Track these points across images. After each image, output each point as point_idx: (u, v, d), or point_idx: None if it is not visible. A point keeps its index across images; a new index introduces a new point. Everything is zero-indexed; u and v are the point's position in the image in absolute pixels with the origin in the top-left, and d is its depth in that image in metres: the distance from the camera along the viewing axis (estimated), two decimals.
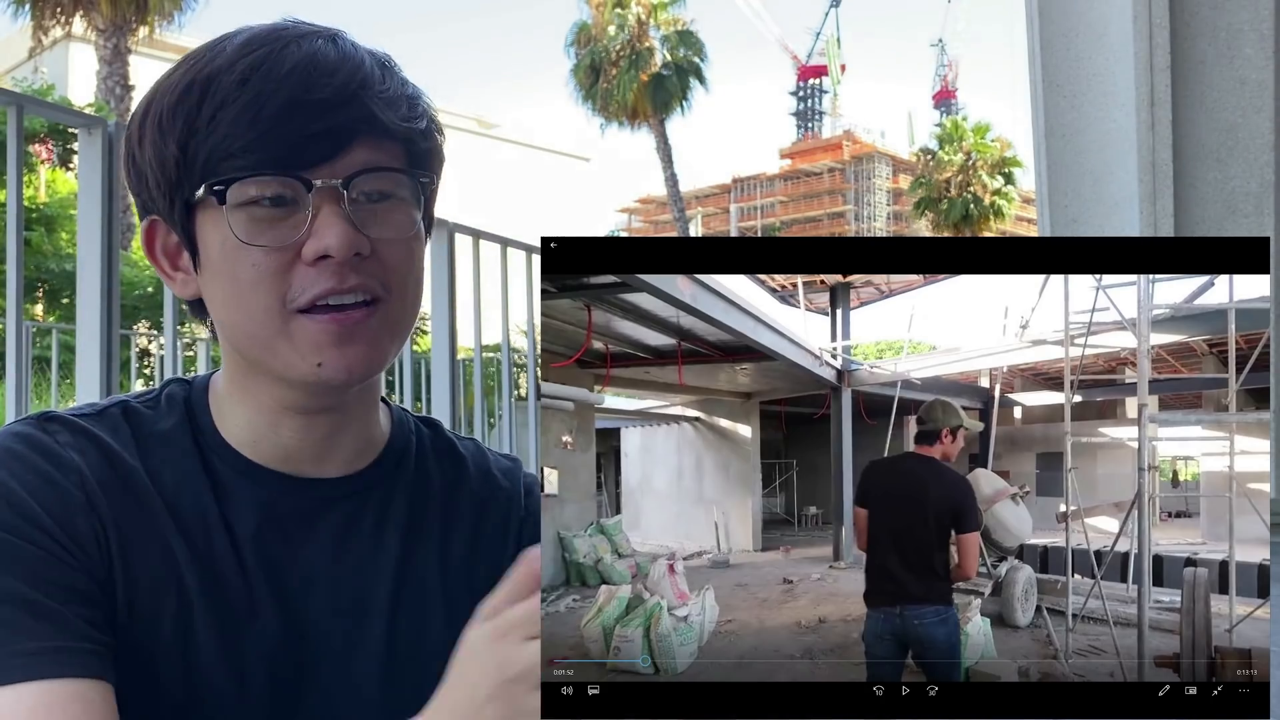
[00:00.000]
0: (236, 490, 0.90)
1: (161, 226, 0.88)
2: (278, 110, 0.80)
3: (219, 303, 0.86)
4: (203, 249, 0.85)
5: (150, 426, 0.91)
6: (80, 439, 0.86)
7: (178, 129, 0.82)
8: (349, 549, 0.92)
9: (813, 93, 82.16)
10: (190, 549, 0.86)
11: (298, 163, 0.81)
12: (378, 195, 0.84)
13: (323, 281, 0.82)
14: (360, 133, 0.83)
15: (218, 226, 0.82)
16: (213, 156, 0.81)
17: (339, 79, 0.82)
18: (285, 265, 0.82)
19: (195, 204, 0.83)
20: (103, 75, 18.73)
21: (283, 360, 0.85)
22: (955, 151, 38.33)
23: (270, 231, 0.81)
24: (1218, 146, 2.45)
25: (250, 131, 0.80)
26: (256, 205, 0.81)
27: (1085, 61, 2.49)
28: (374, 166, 0.83)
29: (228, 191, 0.81)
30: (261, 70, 0.81)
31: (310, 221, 0.81)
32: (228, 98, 0.80)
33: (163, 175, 0.84)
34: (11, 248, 2.27)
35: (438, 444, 1.03)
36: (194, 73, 0.83)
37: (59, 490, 0.82)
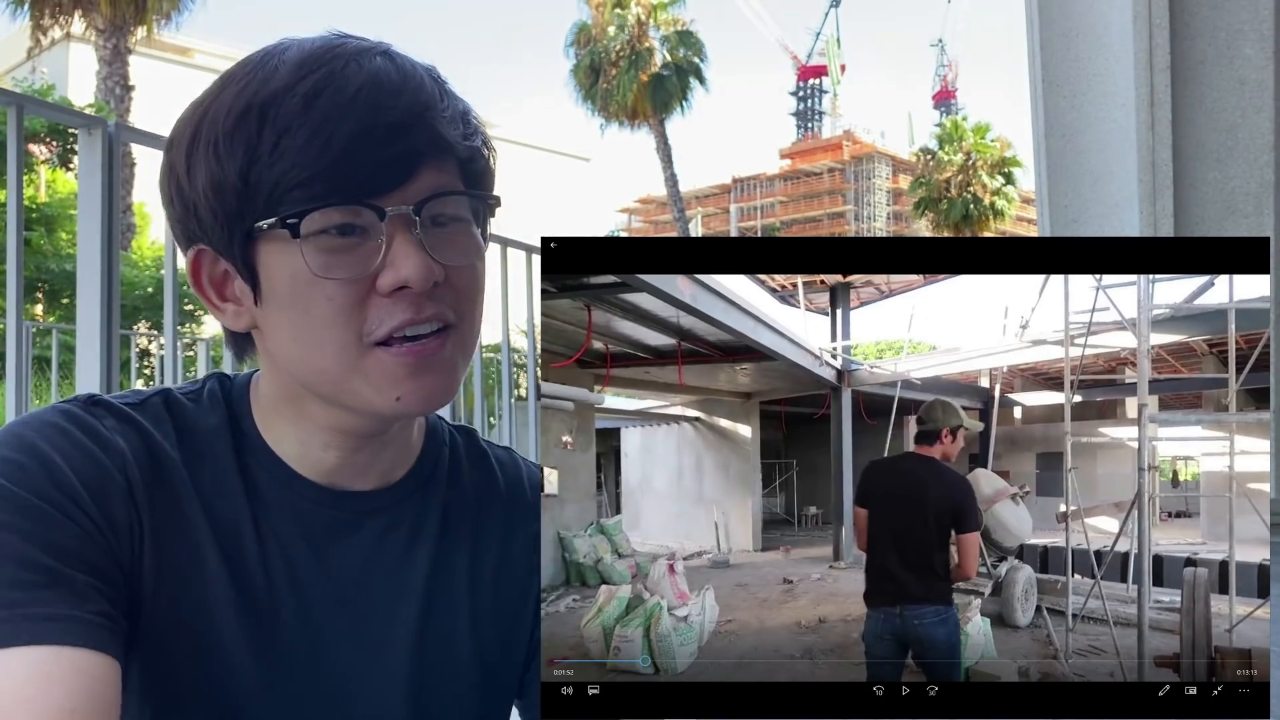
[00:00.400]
0: (273, 498, 0.88)
1: (208, 256, 0.84)
2: (348, 136, 0.76)
3: (287, 338, 0.82)
4: (266, 281, 0.81)
5: (192, 420, 0.89)
6: (125, 426, 0.84)
7: (238, 156, 0.77)
8: (380, 562, 0.91)
9: (813, 93, 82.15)
10: (221, 552, 0.85)
11: (370, 190, 0.78)
12: (445, 219, 0.82)
13: (400, 313, 0.79)
14: (427, 155, 0.80)
15: (287, 258, 0.79)
16: (280, 185, 0.77)
17: (404, 100, 0.79)
18: (360, 298, 0.79)
19: (257, 235, 0.79)
20: (102, 75, 18.73)
21: (359, 396, 0.82)
22: (955, 151, 38.32)
23: (343, 263, 0.78)
24: (1218, 146, 2.45)
25: (320, 159, 0.76)
26: (326, 235, 0.78)
27: (1085, 61, 2.49)
28: (443, 191, 0.81)
29: (301, 224, 0.77)
30: (327, 93, 0.77)
31: (385, 250, 0.78)
32: (292, 123, 0.76)
33: (220, 205, 0.79)
34: (11, 248, 2.27)
35: (471, 453, 1.01)
36: (249, 95, 0.78)
37: (101, 471, 0.80)
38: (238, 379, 0.94)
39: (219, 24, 43.70)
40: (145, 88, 20.08)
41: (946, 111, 72.37)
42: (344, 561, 0.90)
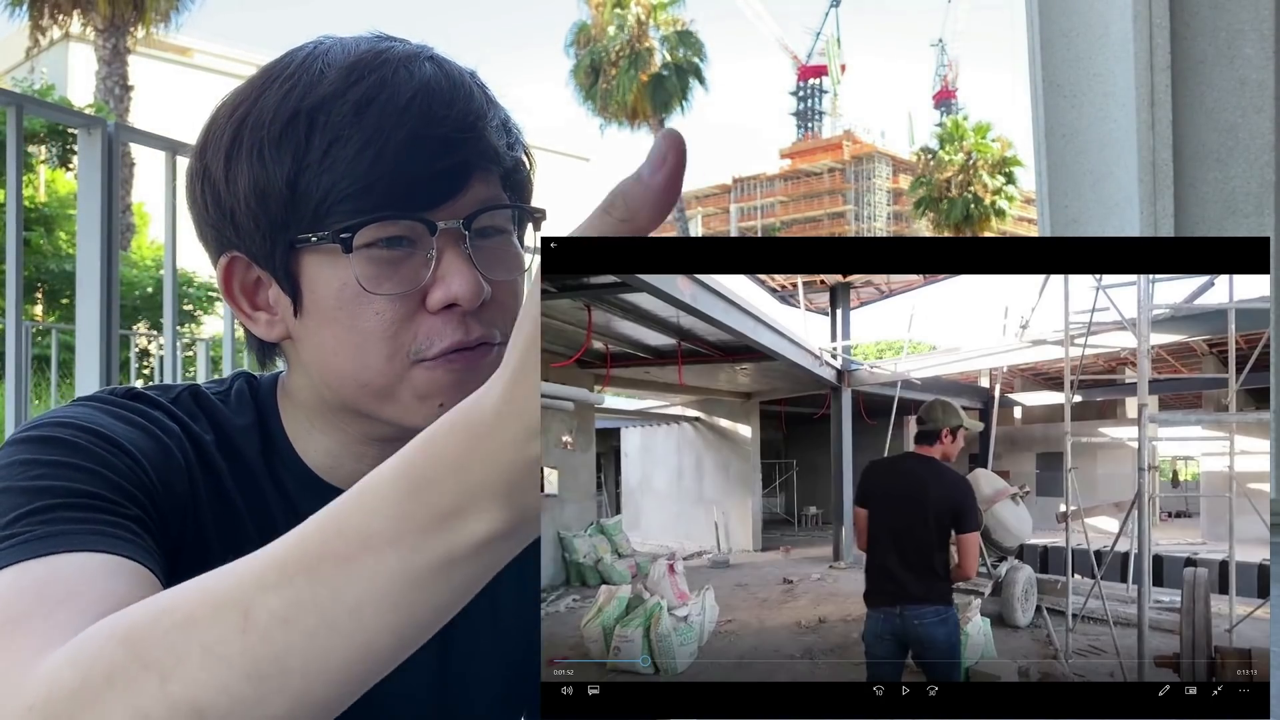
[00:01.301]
0: (303, 505, 0.84)
1: (242, 263, 0.81)
2: (401, 147, 0.74)
3: (329, 351, 0.80)
4: (309, 292, 0.79)
5: (224, 416, 0.87)
6: (166, 417, 0.82)
7: (285, 163, 0.75)
8: None
9: (813, 93, 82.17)
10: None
11: (422, 203, 0.75)
12: (491, 231, 0.80)
13: (450, 334, 0.77)
14: (478, 166, 0.78)
15: (334, 271, 0.76)
16: (330, 196, 0.74)
17: (456, 110, 0.76)
18: (410, 313, 0.77)
19: (301, 245, 0.77)
20: (102, 75, 18.75)
21: (401, 407, 0.80)
22: (956, 151, 38.33)
23: (393, 277, 0.76)
24: (1218, 146, 2.45)
25: (373, 170, 0.74)
26: (375, 248, 0.76)
27: (1085, 61, 2.49)
28: (491, 204, 0.79)
29: (354, 237, 0.75)
30: (379, 100, 0.74)
31: (435, 265, 0.76)
32: (342, 132, 0.74)
33: (264, 213, 0.77)
34: (11, 248, 2.27)
35: None
36: (296, 99, 0.75)
37: (161, 446, 0.78)
38: (263, 380, 0.92)
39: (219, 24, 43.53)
40: (144, 88, 20.09)
41: (946, 111, 72.38)
42: None
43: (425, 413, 0.80)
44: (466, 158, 0.77)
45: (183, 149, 2.54)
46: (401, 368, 0.78)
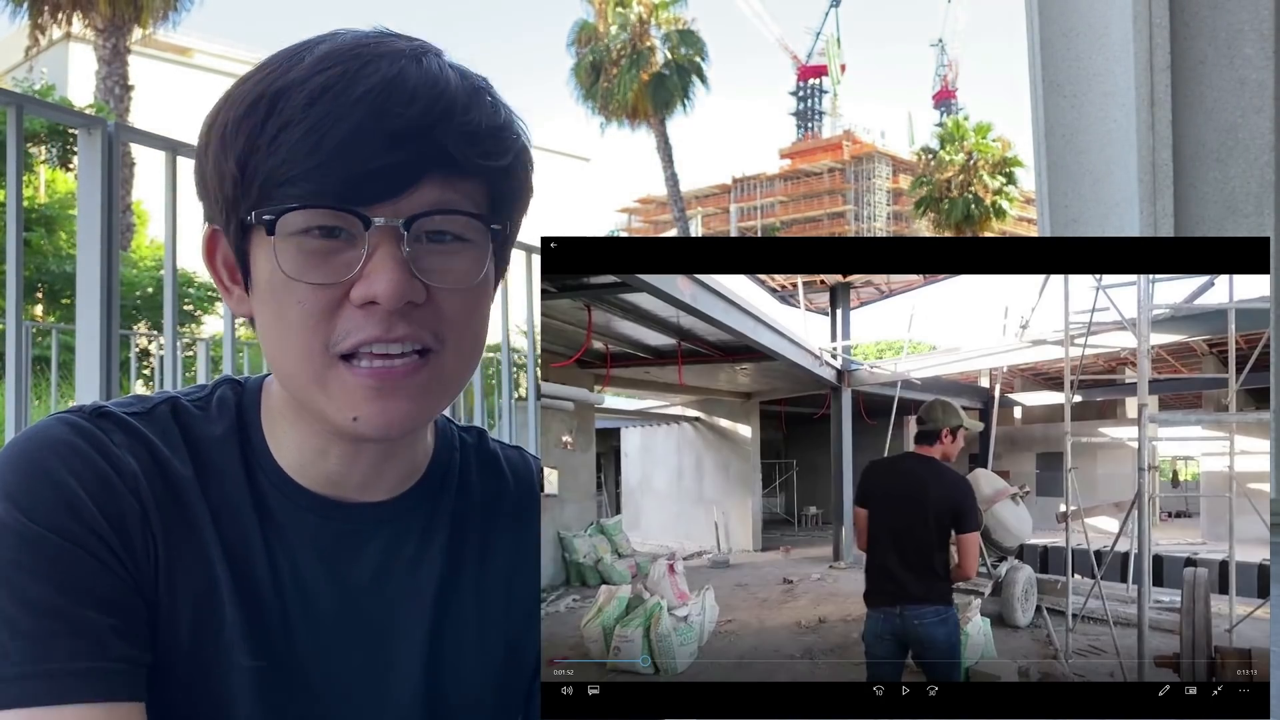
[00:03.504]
0: (281, 513, 0.86)
1: (222, 236, 0.82)
2: (342, 138, 0.73)
3: (263, 335, 0.81)
4: (254, 274, 0.79)
5: (200, 429, 0.86)
6: (134, 441, 0.81)
7: (240, 145, 0.76)
8: (391, 572, 0.89)
9: (813, 93, 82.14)
10: (231, 569, 0.82)
11: (357, 197, 0.74)
12: (445, 237, 0.78)
13: (368, 328, 0.76)
14: (430, 169, 0.76)
15: (268, 256, 0.76)
16: (270, 179, 0.75)
17: (415, 108, 0.74)
18: (332, 306, 0.76)
19: (249, 226, 0.77)
20: (102, 75, 18.73)
21: (319, 406, 0.79)
22: (956, 151, 38.33)
23: (321, 268, 0.75)
24: (1218, 146, 2.45)
25: (310, 159, 0.73)
26: (307, 236, 0.75)
27: (1085, 61, 2.49)
28: (442, 208, 0.76)
29: (277, 222, 0.74)
30: (332, 91, 0.74)
31: (365, 261, 0.75)
32: (294, 117, 0.74)
33: (220, 191, 0.78)
34: (11, 248, 2.27)
35: (481, 456, 0.98)
36: (266, 84, 0.76)
37: (117, 496, 0.78)
38: (249, 383, 0.91)
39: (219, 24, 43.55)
40: (144, 88, 20.09)
41: (947, 111, 72.38)
42: (355, 574, 0.88)
43: (340, 420, 0.79)
44: (414, 158, 0.75)
45: (183, 149, 2.54)
46: (322, 364, 0.77)
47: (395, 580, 0.89)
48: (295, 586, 0.85)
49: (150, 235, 16.88)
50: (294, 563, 0.85)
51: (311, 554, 0.86)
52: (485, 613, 0.94)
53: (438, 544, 0.92)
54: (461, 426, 1.00)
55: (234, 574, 0.83)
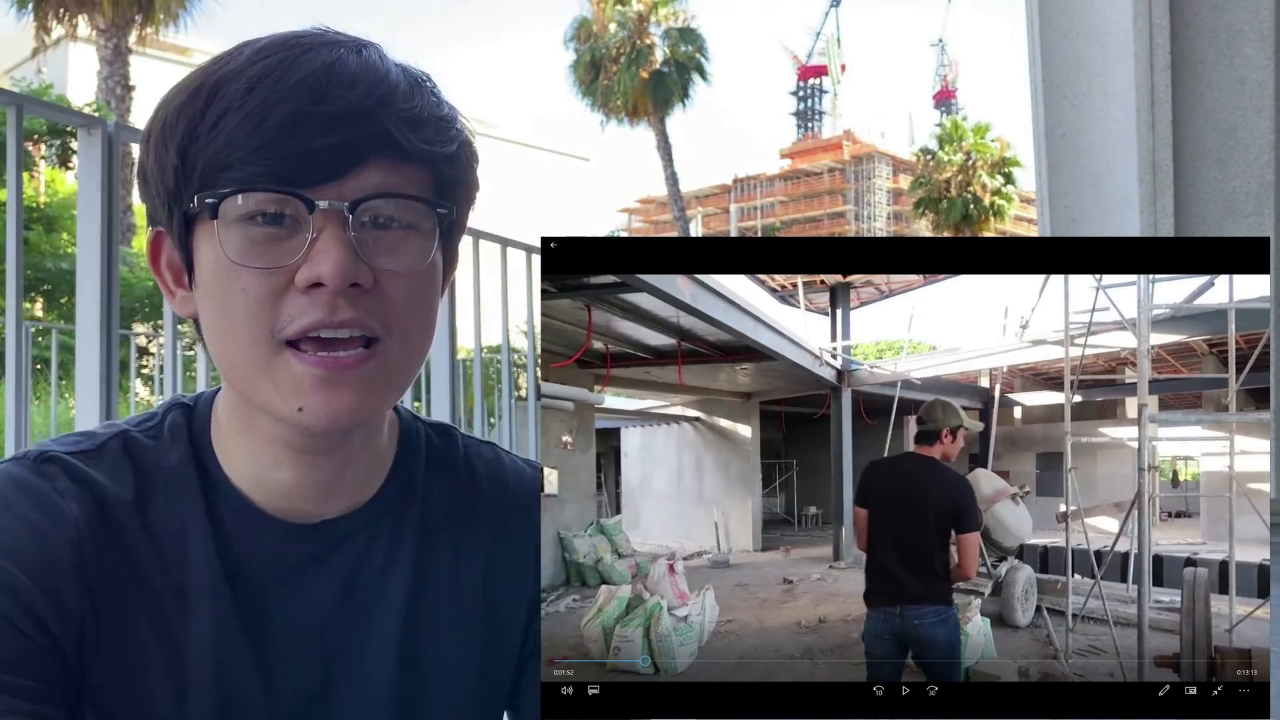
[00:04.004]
0: (241, 542, 0.84)
1: (167, 239, 0.82)
2: (281, 120, 0.73)
3: (206, 327, 0.80)
4: (197, 267, 0.79)
5: (153, 460, 0.85)
6: (79, 487, 0.80)
7: (179, 135, 0.76)
8: (359, 587, 0.88)
9: (813, 93, 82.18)
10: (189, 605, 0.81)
11: (300, 179, 0.74)
12: (391, 223, 0.77)
13: (313, 312, 0.75)
14: (374, 152, 0.76)
15: (211, 243, 0.76)
16: (210, 166, 0.74)
17: (355, 93, 0.75)
18: (277, 291, 0.75)
19: (193, 217, 0.77)
20: (103, 75, 18.73)
21: (264, 399, 0.78)
22: (955, 151, 38.34)
23: (265, 253, 0.75)
24: (1218, 146, 2.45)
25: (250, 142, 0.73)
26: (252, 223, 0.74)
27: (1085, 61, 2.49)
28: (386, 191, 0.76)
29: (220, 205, 0.74)
30: (271, 78, 0.74)
31: (309, 245, 0.74)
32: (232, 104, 0.74)
33: (162, 183, 0.78)
34: (11, 248, 2.26)
35: (450, 456, 0.96)
36: (205, 76, 0.77)
37: (47, 546, 0.77)
38: (199, 403, 0.89)
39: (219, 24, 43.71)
40: (145, 88, 20.09)
41: (946, 111, 72.41)
42: (321, 591, 0.87)
43: (285, 409, 0.78)
44: (356, 140, 0.75)
45: None
46: (268, 351, 0.76)
47: (365, 590, 0.88)
48: (261, 613, 0.84)
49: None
50: (259, 591, 0.84)
51: (277, 581, 0.85)
52: (460, 617, 0.92)
53: (406, 550, 0.90)
54: (431, 424, 0.98)
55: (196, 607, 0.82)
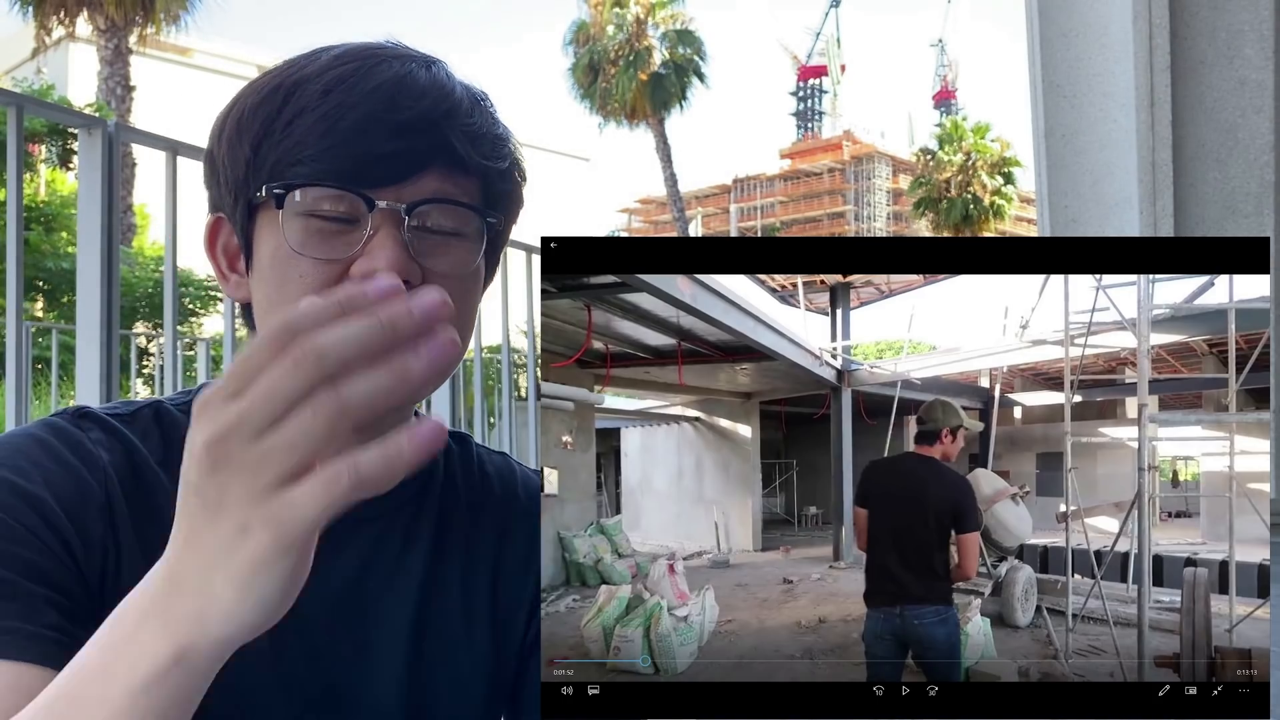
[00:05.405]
0: None
1: (226, 225, 0.87)
2: (354, 124, 0.78)
3: (261, 310, 0.84)
4: (256, 253, 0.84)
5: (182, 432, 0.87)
6: (111, 438, 0.84)
7: (255, 130, 0.81)
8: (374, 571, 0.91)
9: (813, 93, 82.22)
10: None
11: (364, 180, 0.79)
12: (442, 227, 0.82)
13: None
14: (434, 161, 0.81)
15: (273, 232, 0.81)
16: (281, 161, 0.80)
17: (423, 104, 0.80)
18: (331, 281, 0.79)
19: (257, 206, 0.82)
20: (104, 76, 18.73)
21: None
22: (955, 151, 38.35)
23: (324, 245, 0.80)
24: (1218, 146, 2.45)
25: (322, 141, 0.78)
26: (314, 217, 0.80)
27: (1085, 61, 2.49)
28: (443, 198, 0.81)
29: (287, 196, 0.79)
30: (347, 83, 0.79)
31: (366, 242, 0.79)
32: (308, 105, 0.79)
33: (233, 174, 0.83)
34: (11, 248, 2.27)
35: (465, 461, 1.01)
36: (282, 78, 0.82)
37: (80, 483, 0.80)
38: None
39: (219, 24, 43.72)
40: (146, 88, 20.10)
41: (946, 111, 72.44)
42: (336, 572, 0.89)
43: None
44: (420, 148, 0.80)
45: (183, 149, 2.54)
46: None
47: (379, 575, 0.91)
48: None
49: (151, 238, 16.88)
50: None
51: None
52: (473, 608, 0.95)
53: (422, 542, 0.93)
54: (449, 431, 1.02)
55: None
